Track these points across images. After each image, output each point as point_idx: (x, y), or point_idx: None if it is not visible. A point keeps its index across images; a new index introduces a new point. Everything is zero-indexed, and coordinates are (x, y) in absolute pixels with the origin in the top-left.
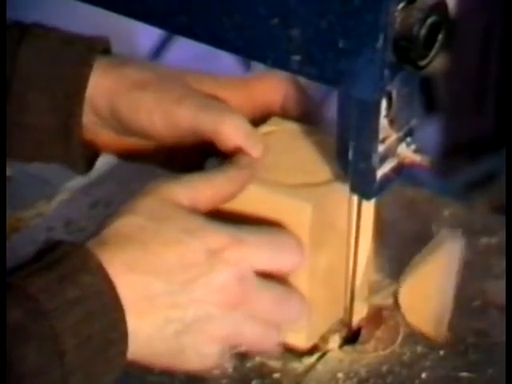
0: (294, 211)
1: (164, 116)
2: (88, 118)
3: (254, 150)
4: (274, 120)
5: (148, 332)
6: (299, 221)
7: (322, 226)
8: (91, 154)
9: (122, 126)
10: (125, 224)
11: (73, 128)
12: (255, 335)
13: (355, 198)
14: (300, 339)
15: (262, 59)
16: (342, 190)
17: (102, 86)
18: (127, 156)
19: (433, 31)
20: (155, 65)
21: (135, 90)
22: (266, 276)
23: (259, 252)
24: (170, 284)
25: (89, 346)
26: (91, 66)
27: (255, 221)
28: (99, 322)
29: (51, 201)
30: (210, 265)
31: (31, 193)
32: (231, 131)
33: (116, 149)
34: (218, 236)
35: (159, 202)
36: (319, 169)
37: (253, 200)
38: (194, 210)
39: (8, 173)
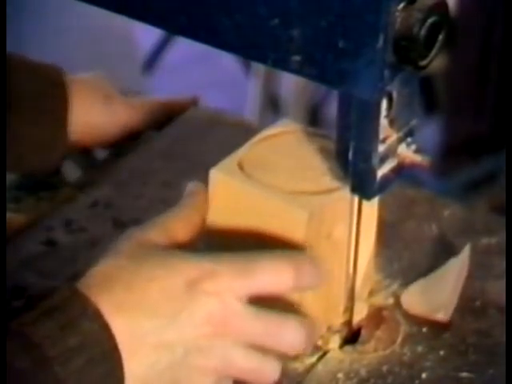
0: (290, 218)
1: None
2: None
3: None
4: (283, 122)
5: (142, 371)
6: (295, 228)
7: (318, 234)
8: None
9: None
10: (107, 265)
11: (57, 141)
12: (250, 364)
13: (355, 207)
14: None
15: (262, 59)
16: (341, 200)
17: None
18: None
19: (433, 31)
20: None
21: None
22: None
23: (237, 279)
24: (157, 319)
25: None
26: (64, 86)
27: (253, 226)
28: (99, 368)
29: (51, 201)
30: (191, 296)
31: (31, 193)
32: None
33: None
34: (195, 267)
35: (137, 245)
36: (320, 176)
37: (252, 203)
38: (172, 246)
39: (8, 173)
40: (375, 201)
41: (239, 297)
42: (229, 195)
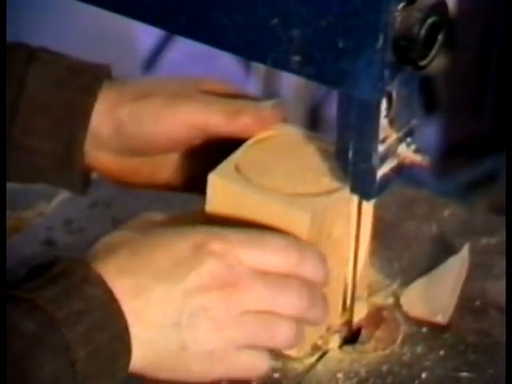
0: (292, 220)
1: (170, 116)
2: (89, 143)
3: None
4: (278, 126)
5: (148, 333)
6: (297, 230)
7: (320, 235)
8: (88, 176)
9: (123, 142)
10: (113, 236)
11: (75, 154)
12: (259, 329)
13: (354, 208)
14: (291, 349)
15: (262, 59)
16: (340, 200)
17: (104, 107)
18: (125, 180)
19: (433, 31)
20: (156, 78)
21: (137, 101)
22: None
23: (244, 248)
24: (162, 281)
25: (97, 356)
26: (96, 94)
27: (254, 227)
28: (105, 332)
29: (51, 201)
30: (198, 257)
31: (31, 193)
32: (249, 117)
33: (114, 172)
34: (203, 232)
35: (144, 221)
36: (319, 177)
37: (252, 207)
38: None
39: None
40: (371, 202)
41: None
42: (228, 200)
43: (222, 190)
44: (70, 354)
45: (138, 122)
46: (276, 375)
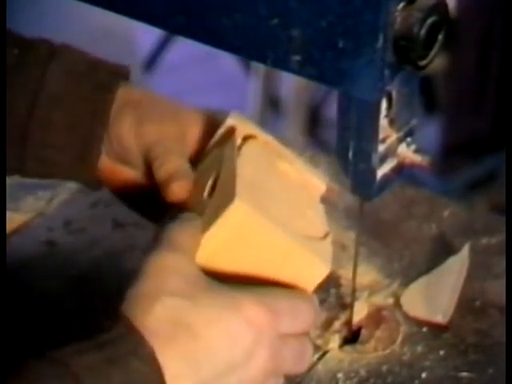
0: (309, 267)
1: (136, 132)
2: None
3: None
4: (234, 115)
5: None
6: (312, 276)
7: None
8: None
9: (111, 145)
10: (166, 310)
11: (92, 150)
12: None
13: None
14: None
15: (262, 59)
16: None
17: (116, 107)
18: (119, 190)
19: (433, 31)
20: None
21: (128, 107)
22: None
23: (284, 318)
24: (217, 366)
25: None
26: (114, 91)
27: (261, 261)
28: None
29: (51, 201)
30: (254, 346)
31: (31, 193)
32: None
33: (109, 178)
34: (251, 303)
35: (185, 280)
36: (306, 208)
37: (270, 240)
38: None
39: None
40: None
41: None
42: (245, 226)
43: (244, 216)
44: None
45: (118, 129)
46: None
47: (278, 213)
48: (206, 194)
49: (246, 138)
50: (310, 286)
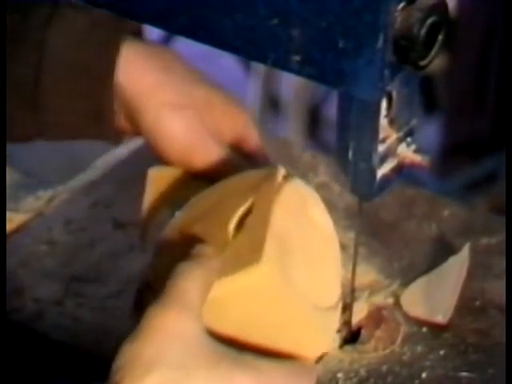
0: (314, 341)
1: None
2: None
3: None
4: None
5: None
6: (313, 349)
7: None
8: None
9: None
10: (157, 381)
11: (105, 111)
12: None
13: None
14: None
15: (262, 59)
16: None
17: (124, 68)
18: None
19: (433, 31)
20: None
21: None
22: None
23: None
24: None
25: None
26: (118, 49)
27: (271, 325)
28: None
29: (51, 201)
30: None
31: (31, 193)
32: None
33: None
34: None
35: (183, 345)
36: (329, 265)
37: (280, 308)
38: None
39: (8, 173)
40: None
41: None
42: (263, 288)
43: (265, 278)
44: None
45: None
46: None
47: (297, 274)
48: (231, 227)
49: (284, 178)
50: (311, 355)
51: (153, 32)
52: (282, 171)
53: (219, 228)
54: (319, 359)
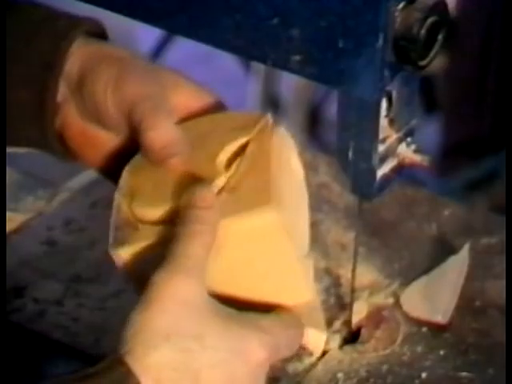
0: (299, 290)
1: (114, 90)
2: (62, 95)
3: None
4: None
5: None
6: (295, 298)
7: None
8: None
9: (83, 103)
10: (171, 351)
11: (47, 102)
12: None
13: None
14: None
15: (262, 59)
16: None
17: (78, 58)
18: (83, 154)
19: (433, 31)
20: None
21: (104, 64)
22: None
23: (285, 353)
24: None
25: None
26: (71, 41)
27: (262, 271)
28: None
29: (51, 201)
30: (255, 380)
31: (31, 192)
32: (155, 135)
33: (76, 138)
34: (260, 352)
35: (190, 314)
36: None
37: (275, 254)
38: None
39: (8, 173)
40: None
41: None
42: (264, 233)
43: (269, 223)
44: None
45: (93, 85)
46: (276, 374)
47: (287, 220)
48: (221, 160)
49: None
50: (295, 304)
51: (152, 32)
52: (270, 119)
53: (207, 161)
54: (320, 357)
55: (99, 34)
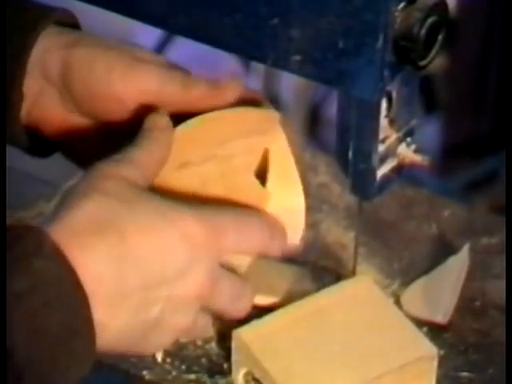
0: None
1: (124, 73)
2: (37, 87)
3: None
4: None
5: (116, 325)
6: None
7: None
8: (38, 134)
9: (72, 92)
10: (96, 208)
11: (12, 94)
12: (204, 327)
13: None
14: None
15: (262, 59)
16: None
17: (55, 45)
18: (69, 147)
19: (433, 31)
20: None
21: (93, 47)
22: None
23: (232, 236)
24: (146, 279)
25: (45, 338)
26: (39, 31)
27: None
28: (57, 311)
29: (51, 201)
30: (189, 264)
31: (31, 193)
32: (204, 87)
33: (59, 133)
34: (189, 218)
35: (124, 185)
36: None
37: None
38: (149, 187)
39: (8, 172)
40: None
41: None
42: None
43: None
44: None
45: (87, 71)
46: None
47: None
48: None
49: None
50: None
51: (152, 32)
52: (278, 114)
53: (247, 183)
54: None
55: (72, 24)
